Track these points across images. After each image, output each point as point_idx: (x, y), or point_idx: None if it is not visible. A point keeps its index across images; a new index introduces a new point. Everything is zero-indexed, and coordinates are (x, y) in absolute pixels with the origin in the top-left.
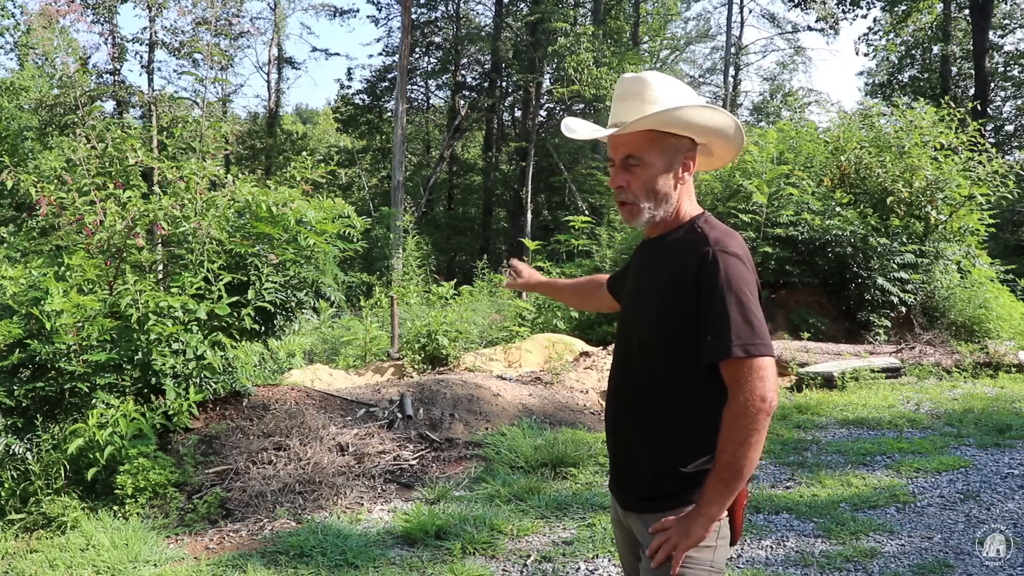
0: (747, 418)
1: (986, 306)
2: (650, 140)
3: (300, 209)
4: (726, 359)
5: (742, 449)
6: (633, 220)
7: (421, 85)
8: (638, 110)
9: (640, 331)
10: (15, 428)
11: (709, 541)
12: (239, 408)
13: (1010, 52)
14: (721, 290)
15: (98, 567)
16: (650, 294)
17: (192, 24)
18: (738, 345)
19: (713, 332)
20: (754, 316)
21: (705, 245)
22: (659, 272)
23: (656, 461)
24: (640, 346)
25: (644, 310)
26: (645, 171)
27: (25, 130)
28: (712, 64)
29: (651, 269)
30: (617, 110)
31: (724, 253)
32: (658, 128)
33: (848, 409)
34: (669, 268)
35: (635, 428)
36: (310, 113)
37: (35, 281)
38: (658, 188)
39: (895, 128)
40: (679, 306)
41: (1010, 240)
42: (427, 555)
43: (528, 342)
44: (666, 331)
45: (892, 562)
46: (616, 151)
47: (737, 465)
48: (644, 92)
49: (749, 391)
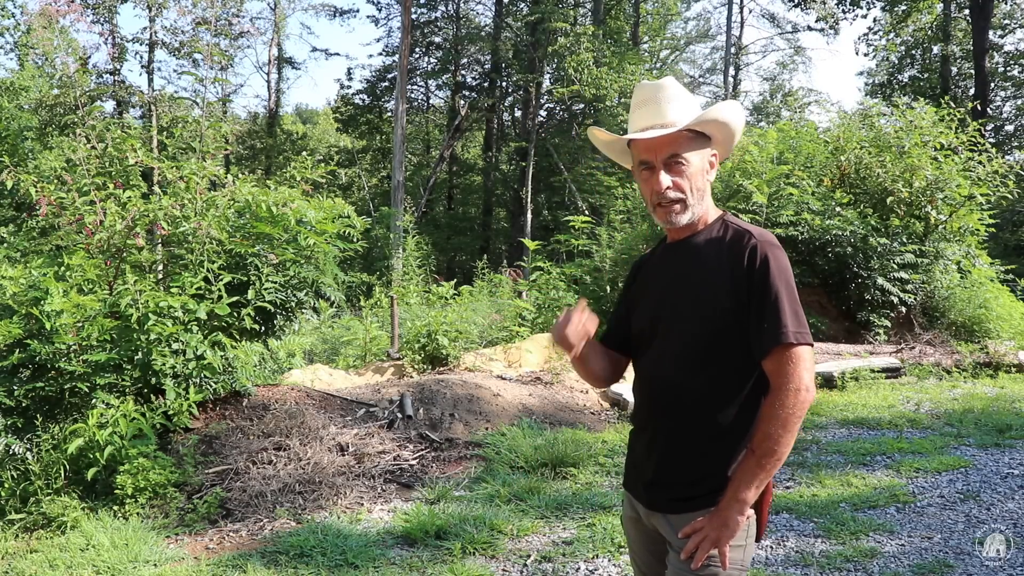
0: (792, 404)
1: (986, 306)
2: (689, 139)
3: (300, 209)
4: (778, 346)
5: (785, 435)
6: (678, 219)
7: (421, 85)
8: (676, 111)
9: (688, 330)
10: (15, 428)
11: (739, 540)
12: (239, 408)
13: (1010, 52)
14: (773, 281)
15: (98, 567)
16: (698, 292)
17: (192, 24)
18: (791, 332)
19: (769, 321)
20: (799, 307)
21: (750, 238)
22: (704, 270)
23: (701, 461)
24: (686, 346)
25: (692, 308)
26: (689, 168)
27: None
28: (712, 64)
29: (692, 268)
30: (647, 113)
31: (771, 245)
32: (699, 127)
33: (848, 409)
34: (715, 265)
35: (681, 428)
36: (310, 113)
37: (35, 281)
38: (700, 186)
39: (895, 128)
40: (733, 300)
41: (1010, 240)
42: (427, 555)
43: (528, 342)
44: (720, 327)
45: (892, 562)
46: (657, 152)
47: (778, 451)
48: (672, 94)
49: (797, 378)
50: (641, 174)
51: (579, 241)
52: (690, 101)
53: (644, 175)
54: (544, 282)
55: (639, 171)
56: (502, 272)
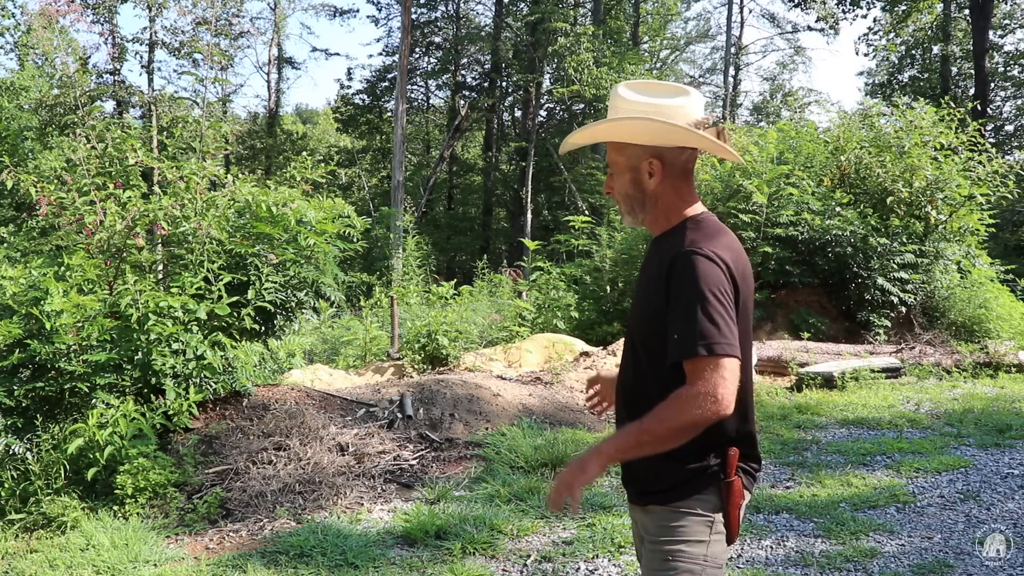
0: (693, 407)
1: (986, 306)
2: (616, 149)
3: (300, 209)
4: (689, 359)
5: (671, 430)
6: (624, 219)
7: (421, 85)
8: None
9: (633, 328)
10: (15, 428)
11: (701, 535)
12: (239, 408)
13: (1010, 52)
14: (687, 290)
15: (98, 567)
16: (640, 292)
17: (192, 24)
18: (702, 344)
19: (680, 331)
20: (720, 317)
21: (680, 246)
22: (647, 271)
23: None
24: (634, 343)
25: (636, 308)
26: (617, 178)
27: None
28: (712, 64)
29: (644, 268)
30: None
31: (695, 254)
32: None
33: (848, 409)
34: (653, 268)
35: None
36: (310, 113)
37: (35, 281)
38: (628, 192)
39: (895, 128)
40: (657, 305)
41: (1010, 240)
42: (427, 555)
43: (528, 342)
44: (650, 329)
45: (892, 562)
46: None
47: (658, 438)
48: (614, 103)
49: (711, 385)
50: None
51: (579, 241)
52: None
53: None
54: (544, 282)
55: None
56: (502, 272)
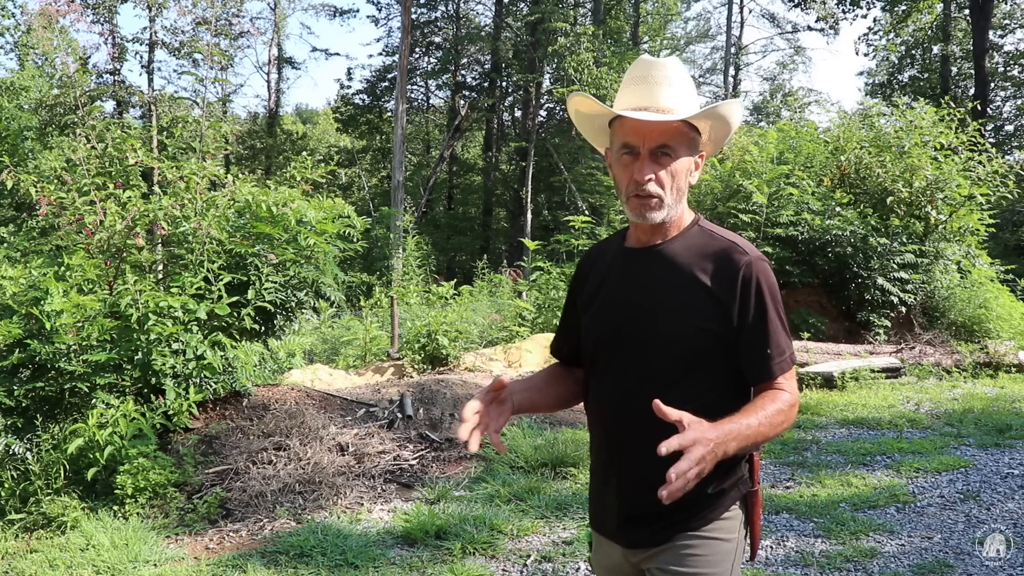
0: (792, 415)
1: (986, 306)
2: (683, 133)
3: (300, 209)
4: (784, 373)
5: (774, 429)
6: (652, 215)
7: (421, 85)
8: (674, 98)
9: (662, 347)
10: (15, 428)
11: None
12: (239, 408)
13: (1010, 52)
14: (771, 303)
15: (98, 567)
16: (678, 306)
17: (192, 24)
18: (791, 356)
19: (773, 347)
20: (786, 323)
21: (741, 254)
22: (684, 282)
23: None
24: (667, 361)
25: (670, 324)
26: (676, 164)
27: (25, 130)
28: (712, 64)
29: (668, 278)
30: (643, 92)
31: (762, 262)
32: (700, 120)
33: (848, 409)
34: (698, 277)
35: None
36: (310, 113)
37: (35, 281)
38: (682, 184)
39: (895, 128)
40: (718, 319)
41: (1010, 240)
42: (427, 555)
43: (528, 342)
44: (701, 346)
45: (892, 562)
46: (646, 138)
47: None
48: (674, 77)
49: (796, 396)
50: (622, 159)
51: (579, 241)
52: (691, 90)
53: (625, 160)
54: (544, 282)
55: (620, 155)
56: (502, 272)
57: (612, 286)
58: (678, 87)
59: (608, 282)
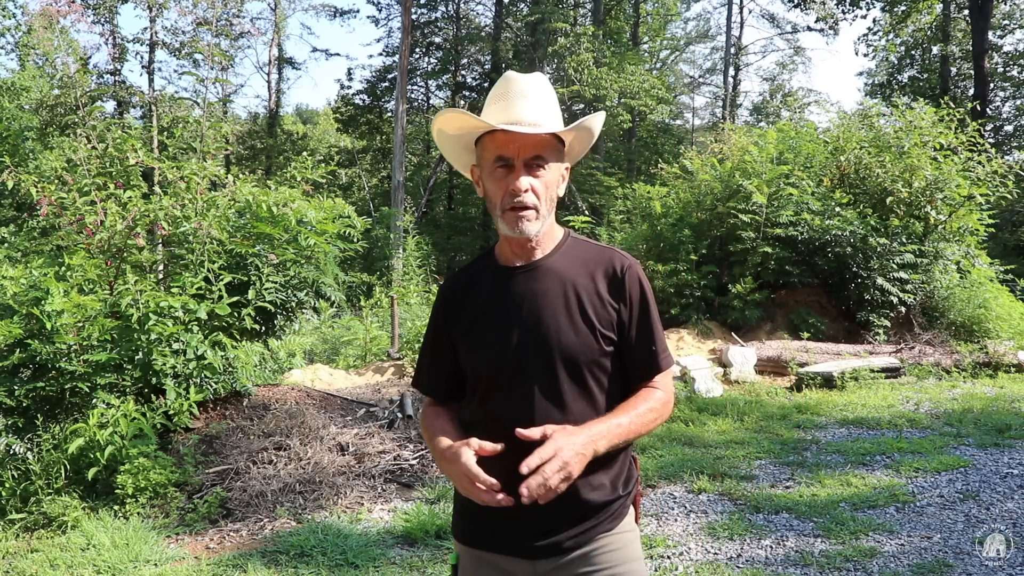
0: (664, 409)
1: (985, 306)
2: (552, 144)
3: (300, 209)
4: (667, 368)
5: (647, 427)
6: (528, 227)
7: (421, 85)
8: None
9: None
10: (15, 428)
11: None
12: (239, 408)
13: (1010, 52)
14: (652, 303)
15: (99, 567)
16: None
17: (192, 24)
18: (669, 353)
19: (656, 343)
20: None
21: (623, 259)
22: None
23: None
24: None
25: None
26: (548, 175)
27: (26, 130)
28: (712, 64)
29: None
30: (515, 107)
31: (639, 266)
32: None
33: (848, 409)
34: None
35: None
36: (310, 113)
37: (36, 281)
38: (553, 195)
39: (895, 128)
40: (619, 322)
41: (1010, 240)
42: (427, 555)
43: None
44: (602, 353)
45: (892, 562)
46: (521, 150)
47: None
48: (543, 93)
49: (670, 390)
50: (495, 172)
51: None
52: (554, 103)
53: (499, 173)
54: None
55: (493, 168)
56: None
57: (498, 307)
58: (542, 101)
59: (492, 304)
